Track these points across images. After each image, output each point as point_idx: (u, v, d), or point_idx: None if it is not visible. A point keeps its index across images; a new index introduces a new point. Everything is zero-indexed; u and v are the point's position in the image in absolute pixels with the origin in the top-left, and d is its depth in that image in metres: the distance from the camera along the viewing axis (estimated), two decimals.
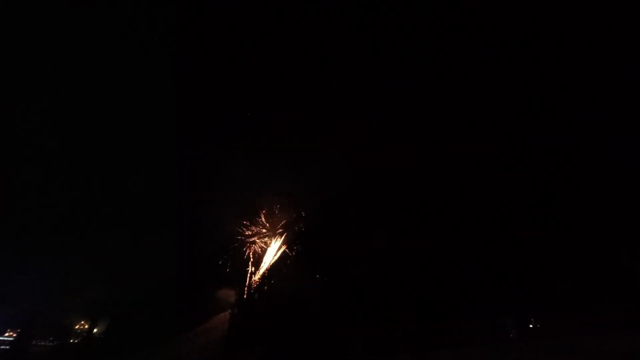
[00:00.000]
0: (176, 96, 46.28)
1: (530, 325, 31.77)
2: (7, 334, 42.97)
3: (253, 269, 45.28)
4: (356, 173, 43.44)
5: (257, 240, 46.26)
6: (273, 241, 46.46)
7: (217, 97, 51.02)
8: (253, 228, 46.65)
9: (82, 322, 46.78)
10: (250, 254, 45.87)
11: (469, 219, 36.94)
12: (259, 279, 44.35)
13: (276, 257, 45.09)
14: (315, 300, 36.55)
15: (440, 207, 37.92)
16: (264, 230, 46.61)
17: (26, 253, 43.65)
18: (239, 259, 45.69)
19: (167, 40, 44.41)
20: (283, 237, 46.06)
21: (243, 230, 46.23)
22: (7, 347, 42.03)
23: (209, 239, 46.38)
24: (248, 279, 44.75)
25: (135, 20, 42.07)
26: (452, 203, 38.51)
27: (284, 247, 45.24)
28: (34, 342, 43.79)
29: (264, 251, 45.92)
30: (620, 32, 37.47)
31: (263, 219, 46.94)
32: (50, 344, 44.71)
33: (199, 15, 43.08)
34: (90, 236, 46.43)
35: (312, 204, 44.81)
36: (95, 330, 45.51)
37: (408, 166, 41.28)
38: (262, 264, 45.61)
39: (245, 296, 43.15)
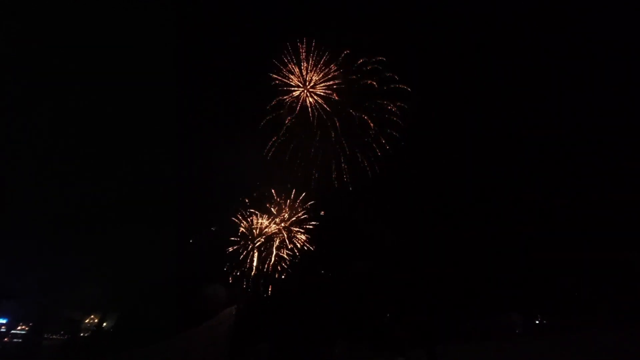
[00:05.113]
0: (177, 94, 46.70)
1: (537, 322, 31.98)
2: (19, 328, 43.94)
3: (259, 264, 45.62)
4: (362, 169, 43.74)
5: (264, 236, 46.59)
6: (279, 236, 46.74)
7: (216, 96, 51.56)
8: (260, 223, 46.97)
9: (92, 317, 47.49)
10: (257, 249, 46.21)
11: (477, 217, 37.13)
12: (264, 274, 44.69)
13: (282, 253, 45.43)
14: (321, 296, 36.79)
15: (448, 205, 38.09)
16: (271, 225, 46.90)
17: (37, 250, 44.38)
18: (246, 254, 46.07)
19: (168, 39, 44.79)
20: (290, 232, 46.34)
21: (249, 226, 46.57)
22: (20, 340, 42.98)
23: (215, 234, 46.86)
24: (254, 274, 45.12)
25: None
26: (459, 201, 38.68)
27: (289, 243, 45.57)
28: (45, 336, 44.68)
29: (271, 247, 46.25)
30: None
31: (270, 214, 47.23)
32: (61, 338, 45.51)
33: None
34: (99, 233, 47.01)
35: (320, 200, 45.07)
36: (104, 324, 46.18)
37: (417, 164, 41.59)
38: (268, 260, 45.92)
39: (250, 291, 43.54)
